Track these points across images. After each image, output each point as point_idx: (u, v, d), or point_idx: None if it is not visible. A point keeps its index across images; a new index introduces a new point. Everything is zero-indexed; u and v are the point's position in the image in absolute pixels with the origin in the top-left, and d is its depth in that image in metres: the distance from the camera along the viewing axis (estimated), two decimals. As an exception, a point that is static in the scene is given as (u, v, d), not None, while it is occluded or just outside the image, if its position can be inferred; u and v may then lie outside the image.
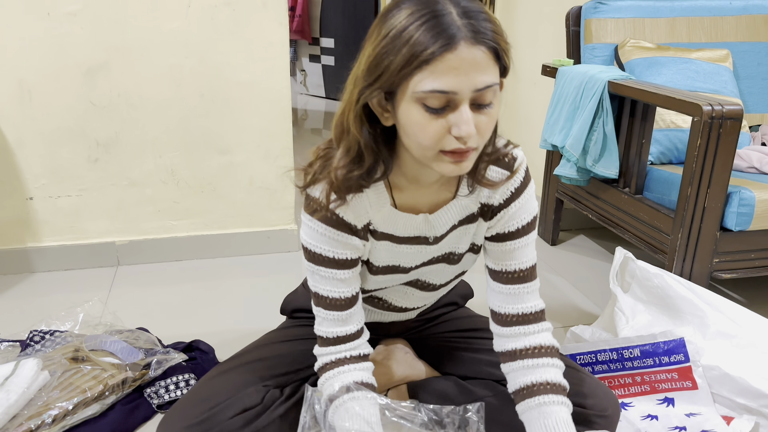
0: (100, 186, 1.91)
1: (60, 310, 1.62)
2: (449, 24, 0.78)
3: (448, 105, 0.82)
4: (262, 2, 1.85)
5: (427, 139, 0.83)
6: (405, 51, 0.79)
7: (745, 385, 1.26)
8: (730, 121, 1.41)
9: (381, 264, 1.04)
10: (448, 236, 1.04)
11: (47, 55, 1.77)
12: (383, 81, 0.82)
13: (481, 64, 0.80)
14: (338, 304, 1.00)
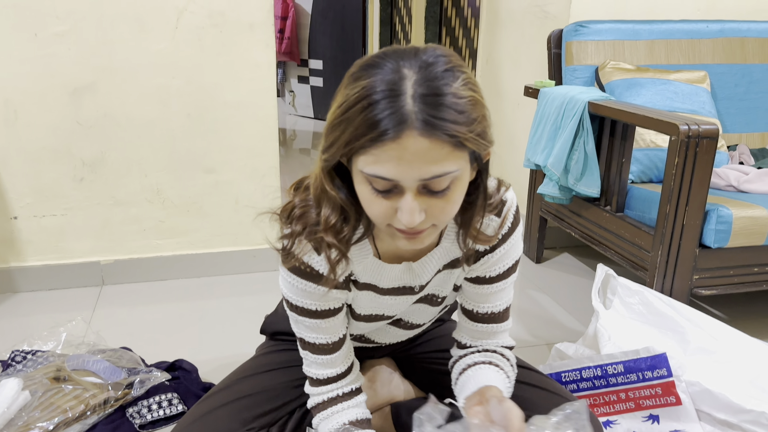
0: (85, 205, 1.91)
1: (42, 330, 1.61)
2: (398, 108, 0.70)
3: (394, 188, 0.75)
4: (248, 24, 1.88)
5: (375, 216, 0.79)
6: (350, 130, 0.72)
7: (726, 400, 1.27)
8: (706, 140, 1.44)
9: (363, 312, 1.02)
10: (432, 283, 1.00)
11: (34, 75, 1.78)
12: (335, 152, 0.75)
13: (429, 155, 0.71)
14: (325, 348, 0.97)
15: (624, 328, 1.47)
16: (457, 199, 0.79)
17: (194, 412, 1.06)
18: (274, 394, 1.11)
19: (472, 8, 3.18)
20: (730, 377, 1.32)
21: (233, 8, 1.85)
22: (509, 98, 2.58)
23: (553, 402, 1.06)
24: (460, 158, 0.74)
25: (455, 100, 0.71)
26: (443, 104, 0.70)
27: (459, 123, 0.71)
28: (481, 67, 2.83)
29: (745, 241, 1.54)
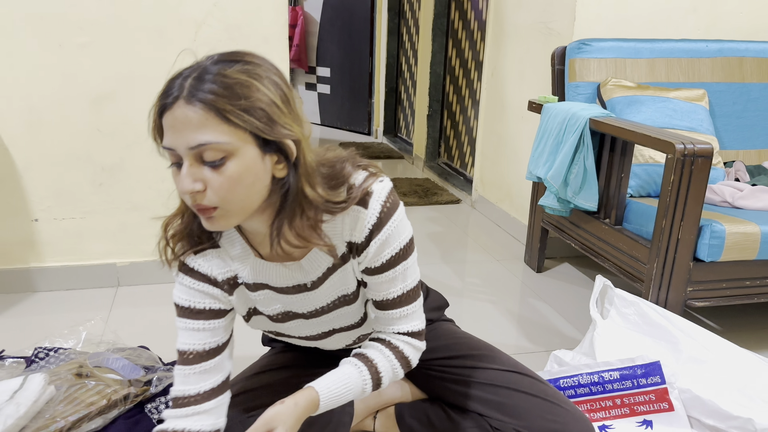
0: (103, 209, 1.98)
1: (63, 328, 1.68)
2: (175, 85, 0.81)
3: (180, 161, 0.83)
4: (263, 37, 1.95)
5: (180, 195, 0.88)
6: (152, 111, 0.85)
7: (715, 407, 1.34)
8: (701, 158, 1.51)
9: (275, 312, 1.05)
10: (328, 280, 1.02)
11: (57, 84, 1.85)
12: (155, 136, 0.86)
13: (193, 122, 0.80)
14: (189, 357, 0.99)
15: (620, 337, 1.53)
16: (235, 177, 0.83)
17: None
18: (272, 390, 1.19)
19: (479, 21, 3.25)
20: (720, 385, 1.39)
21: (249, 23, 1.93)
22: (513, 111, 2.65)
23: (545, 409, 1.13)
24: (228, 133, 0.81)
25: (221, 78, 0.80)
26: (206, 80, 0.80)
27: (219, 95, 0.80)
28: (487, 80, 2.90)
29: (738, 255, 1.61)
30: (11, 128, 1.86)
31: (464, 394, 1.22)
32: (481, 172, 3.01)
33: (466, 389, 1.21)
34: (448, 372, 1.26)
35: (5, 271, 1.96)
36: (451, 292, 2.10)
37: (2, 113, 1.84)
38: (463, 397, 1.22)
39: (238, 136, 0.82)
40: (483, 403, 1.18)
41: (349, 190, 0.93)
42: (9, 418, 1.19)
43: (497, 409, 1.16)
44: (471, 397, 1.20)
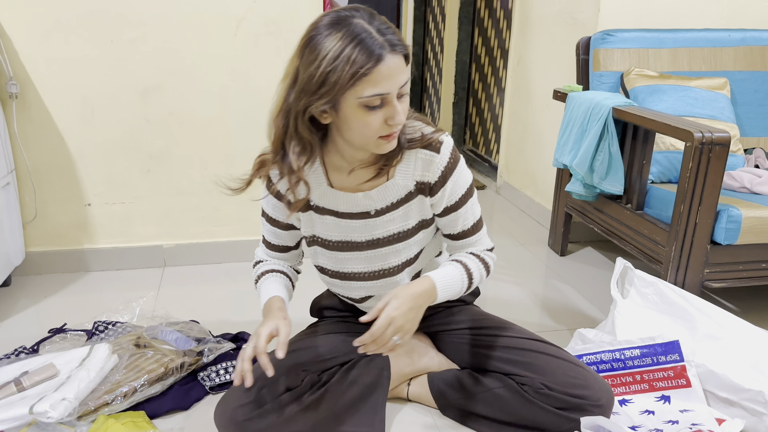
0: (151, 194, 2.12)
1: (118, 304, 1.82)
2: (373, 43, 1.01)
3: (382, 103, 1.05)
4: (300, 32, 2.05)
5: (371, 131, 1.07)
6: (348, 69, 1.00)
7: (728, 381, 1.42)
8: (718, 146, 1.58)
9: (333, 239, 1.27)
10: (391, 213, 1.24)
11: (109, 77, 1.98)
12: (332, 94, 1.03)
13: (399, 67, 1.04)
14: (274, 247, 1.35)
15: (639, 316, 1.62)
16: (408, 103, 1.11)
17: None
18: (324, 350, 1.34)
19: (505, 10, 3.31)
20: (733, 361, 1.47)
21: (286, 18, 2.03)
22: (539, 100, 2.72)
23: (569, 369, 1.24)
24: (409, 69, 1.07)
25: (394, 31, 1.05)
26: (393, 33, 1.03)
27: (404, 42, 1.05)
28: (513, 68, 2.97)
29: (754, 238, 1.68)
30: (67, 119, 1.99)
31: (492, 357, 1.34)
32: (506, 158, 3.09)
33: (494, 353, 1.34)
34: (477, 339, 1.39)
35: (62, 252, 2.11)
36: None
37: (59, 105, 1.97)
38: (490, 359, 1.35)
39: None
40: (510, 363, 1.29)
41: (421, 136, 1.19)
42: (81, 382, 1.33)
43: (523, 368, 1.27)
44: (498, 359, 1.33)
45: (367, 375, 1.31)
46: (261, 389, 1.22)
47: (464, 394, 1.34)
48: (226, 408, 1.21)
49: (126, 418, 1.33)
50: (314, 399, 1.24)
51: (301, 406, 1.23)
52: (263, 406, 1.20)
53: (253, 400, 1.20)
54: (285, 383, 1.23)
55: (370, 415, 1.30)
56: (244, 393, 1.21)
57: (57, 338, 1.67)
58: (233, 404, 1.21)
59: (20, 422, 1.26)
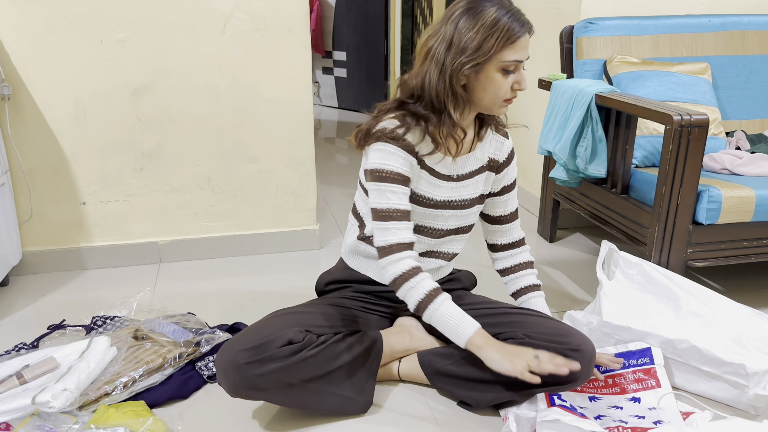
0: (144, 192, 2.15)
1: (115, 300, 1.86)
2: (522, 19, 1.26)
3: (515, 69, 1.27)
4: (288, 28, 2.09)
5: (502, 92, 1.29)
6: (503, 34, 1.23)
7: (711, 355, 1.47)
8: (697, 128, 1.63)
9: (421, 193, 1.38)
10: (467, 180, 1.43)
11: (100, 77, 2.01)
12: (483, 55, 1.24)
13: (529, 43, 1.29)
14: (404, 214, 1.32)
15: (624, 296, 1.67)
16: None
17: (265, 317, 1.38)
18: (325, 317, 1.41)
19: (490, 2, 3.36)
20: (716, 336, 1.51)
21: (274, 14, 2.07)
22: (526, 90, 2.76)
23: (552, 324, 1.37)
24: None
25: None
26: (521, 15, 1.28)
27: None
28: (499, 60, 3.00)
29: (734, 218, 1.72)
30: (59, 119, 2.02)
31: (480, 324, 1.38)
32: (496, 149, 3.13)
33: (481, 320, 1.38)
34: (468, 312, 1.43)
35: (58, 251, 2.14)
36: (471, 263, 2.24)
37: (51, 106, 2.00)
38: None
39: None
40: (495, 326, 1.37)
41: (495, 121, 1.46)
42: (82, 373, 1.37)
43: (507, 326, 1.34)
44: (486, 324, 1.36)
45: (360, 345, 1.37)
46: (266, 338, 1.26)
47: (452, 360, 1.40)
48: (230, 351, 1.26)
49: (126, 407, 1.36)
50: (311, 355, 1.29)
51: (299, 359, 1.27)
52: (265, 354, 1.25)
53: (256, 347, 1.25)
54: (288, 337, 1.27)
55: (361, 383, 1.37)
56: (248, 338, 1.27)
57: (56, 334, 1.70)
58: (237, 347, 1.26)
59: (23, 413, 1.29)
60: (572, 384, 1.33)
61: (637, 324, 1.55)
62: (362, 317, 1.49)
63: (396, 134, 1.30)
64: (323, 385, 1.32)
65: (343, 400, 1.36)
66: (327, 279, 1.57)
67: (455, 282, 1.60)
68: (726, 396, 1.48)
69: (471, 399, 1.40)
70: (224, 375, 1.27)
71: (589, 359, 1.32)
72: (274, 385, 1.27)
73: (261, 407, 1.43)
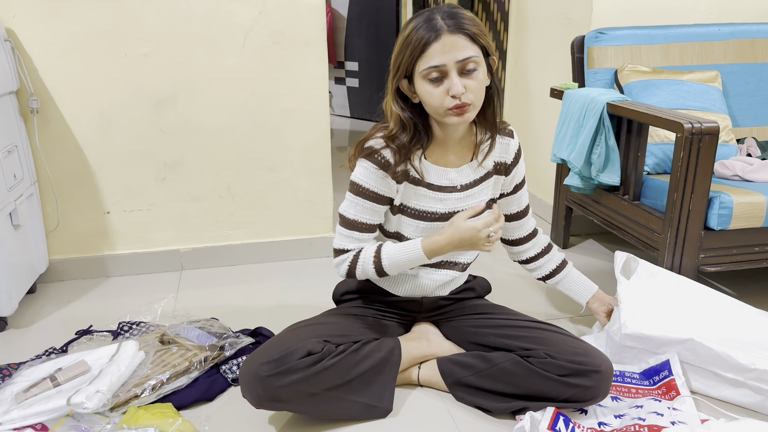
0: (166, 201, 2.21)
1: (140, 306, 1.91)
2: (435, 24, 1.24)
3: (443, 76, 1.25)
4: (305, 41, 2.15)
5: (435, 101, 1.27)
6: (410, 48, 1.25)
7: (733, 362, 1.46)
8: (708, 136, 1.66)
9: (420, 208, 1.42)
10: (472, 189, 1.44)
11: (124, 90, 2.08)
12: (402, 70, 1.28)
13: (458, 45, 1.24)
14: (368, 227, 1.40)
15: (642, 304, 1.66)
16: (482, 80, 1.28)
17: (285, 330, 1.43)
18: (343, 327, 1.45)
19: (501, 13, 3.40)
20: (737, 342, 1.52)
21: (292, 27, 2.13)
22: (537, 98, 2.81)
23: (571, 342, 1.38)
24: (476, 49, 1.26)
25: (466, 17, 1.26)
26: (462, 17, 1.25)
27: (470, 26, 1.25)
28: (511, 68, 3.05)
29: (746, 223, 1.75)
30: (85, 131, 2.09)
31: (498, 335, 1.45)
32: (508, 156, 3.16)
33: (500, 331, 1.44)
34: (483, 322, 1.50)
35: (83, 259, 2.20)
36: (484, 269, 2.28)
37: (77, 118, 2.07)
38: (496, 338, 1.45)
39: (479, 52, 1.27)
40: (515, 339, 1.39)
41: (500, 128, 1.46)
42: (113, 376, 1.42)
43: (528, 341, 1.37)
44: (504, 336, 1.43)
45: (379, 352, 1.40)
46: (286, 350, 1.30)
47: (472, 371, 1.43)
48: (252, 364, 1.31)
49: (155, 409, 1.41)
50: (331, 364, 1.33)
51: (319, 369, 1.31)
52: (285, 365, 1.29)
53: (276, 359, 1.29)
54: (307, 348, 1.31)
55: (380, 390, 1.41)
56: (268, 352, 1.31)
57: (84, 339, 1.76)
58: (258, 361, 1.30)
59: (58, 413, 1.34)
60: (590, 402, 1.36)
61: (658, 331, 1.55)
62: (380, 325, 1.54)
63: (379, 154, 1.35)
64: (344, 393, 1.36)
65: (364, 407, 1.39)
66: (343, 289, 1.61)
67: (470, 291, 1.64)
68: (750, 401, 1.49)
69: (489, 407, 1.44)
70: (248, 388, 1.31)
71: (608, 379, 1.36)
72: (296, 396, 1.31)
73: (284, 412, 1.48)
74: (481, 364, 1.42)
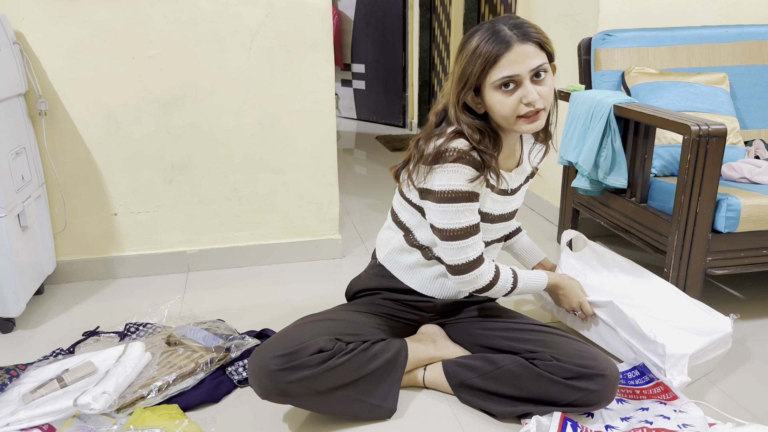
0: (173, 203, 2.22)
1: (146, 307, 1.92)
2: (504, 35, 1.26)
3: (516, 84, 1.28)
4: (311, 44, 2.15)
5: (507, 110, 1.29)
6: (480, 60, 1.26)
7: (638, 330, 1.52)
8: (715, 138, 1.66)
9: (484, 210, 1.43)
10: (518, 192, 1.51)
11: (132, 92, 2.09)
12: (471, 83, 1.29)
13: (530, 53, 1.26)
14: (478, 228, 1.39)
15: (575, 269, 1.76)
16: (551, 86, 1.32)
17: (296, 322, 1.42)
18: (355, 325, 1.44)
19: (508, 15, 3.40)
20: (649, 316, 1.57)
21: (298, 30, 2.13)
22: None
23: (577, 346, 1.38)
24: (544, 56, 1.30)
25: (531, 25, 1.29)
26: (528, 26, 1.28)
27: (539, 33, 1.29)
28: (517, 71, 3.05)
29: (754, 226, 1.74)
30: (93, 133, 2.10)
31: (504, 338, 1.45)
32: (514, 159, 3.16)
33: (506, 334, 1.44)
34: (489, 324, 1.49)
35: (90, 261, 2.21)
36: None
37: (85, 120, 2.08)
38: (502, 340, 1.45)
39: (546, 59, 1.30)
40: (520, 341, 1.39)
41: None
42: (119, 377, 1.42)
43: (534, 344, 1.37)
44: (510, 338, 1.43)
45: (386, 353, 1.41)
46: (297, 346, 1.30)
47: (477, 373, 1.43)
48: (262, 357, 1.30)
49: (161, 410, 1.42)
50: (340, 363, 1.33)
51: (329, 367, 1.31)
52: (296, 361, 1.29)
53: (288, 354, 1.29)
54: (319, 345, 1.31)
55: (386, 390, 1.41)
56: (280, 345, 1.31)
57: (91, 340, 1.77)
58: (269, 354, 1.30)
59: (65, 414, 1.35)
60: (595, 406, 1.36)
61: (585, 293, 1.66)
62: (388, 325, 1.54)
63: (469, 155, 1.32)
64: (350, 392, 1.36)
65: (369, 406, 1.40)
66: (357, 287, 1.61)
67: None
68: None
69: (494, 410, 1.43)
70: (256, 379, 1.31)
71: (613, 383, 1.35)
72: (304, 392, 1.31)
73: (289, 411, 1.48)
74: (486, 366, 1.42)
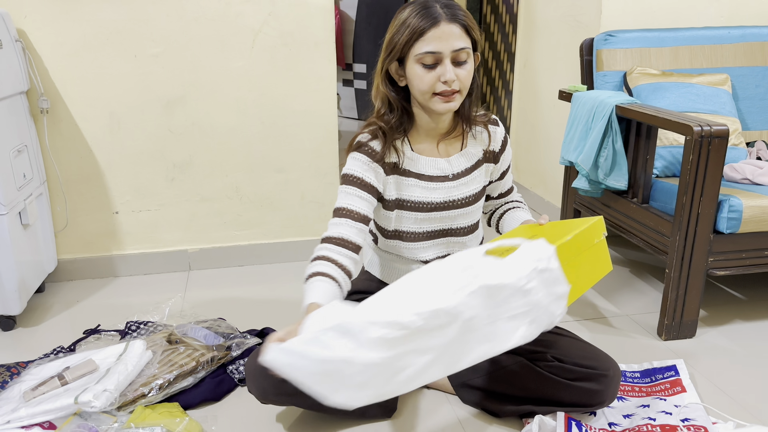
0: (175, 201, 2.22)
1: (148, 306, 1.92)
2: (433, 12, 1.27)
3: (436, 63, 1.29)
4: (314, 42, 2.15)
5: (424, 85, 1.30)
6: (407, 31, 1.28)
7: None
8: (717, 139, 1.65)
9: (415, 199, 1.43)
10: (464, 177, 1.46)
11: (134, 90, 2.09)
12: (395, 52, 1.30)
13: (455, 34, 1.28)
14: (352, 214, 1.35)
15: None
16: (470, 72, 1.33)
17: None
18: None
19: (510, 15, 3.40)
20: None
21: (301, 29, 2.13)
22: (545, 101, 2.80)
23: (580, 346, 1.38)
24: (468, 42, 1.31)
25: (461, 9, 1.31)
26: (458, 9, 1.29)
27: (466, 18, 1.30)
28: (519, 71, 3.05)
29: (756, 227, 1.74)
30: (95, 132, 2.10)
31: None
32: (516, 158, 3.17)
33: None
34: None
35: (91, 259, 2.21)
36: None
37: (87, 118, 2.08)
38: None
39: (470, 44, 1.31)
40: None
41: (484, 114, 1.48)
42: (120, 375, 1.42)
43: (535, 344, 1.36)
44: None
45: None
46: None
47: (479, 373, 1.43)
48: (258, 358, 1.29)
49: (162, 408, 1.42)
50: None
51: None
52: None
53: None
54: None
55: None
56: None
57: (92, 338, 1.76)
58: None
59: (66, 412, 1.35)
60: (597, 406, 1.36)
61: None
62: None
63: (367, 146, 1.38)
64: None
65: (370, 405, 1.39)
66: (351, 289, 1.60)
67: None
68: None
69: (495, 410, 1.43)
70: (254, 381, 1.31)
71: (616, 382, 1.35)
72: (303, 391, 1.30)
73: (289, 410, 1.48)
74: (488, 366, 1.41)
